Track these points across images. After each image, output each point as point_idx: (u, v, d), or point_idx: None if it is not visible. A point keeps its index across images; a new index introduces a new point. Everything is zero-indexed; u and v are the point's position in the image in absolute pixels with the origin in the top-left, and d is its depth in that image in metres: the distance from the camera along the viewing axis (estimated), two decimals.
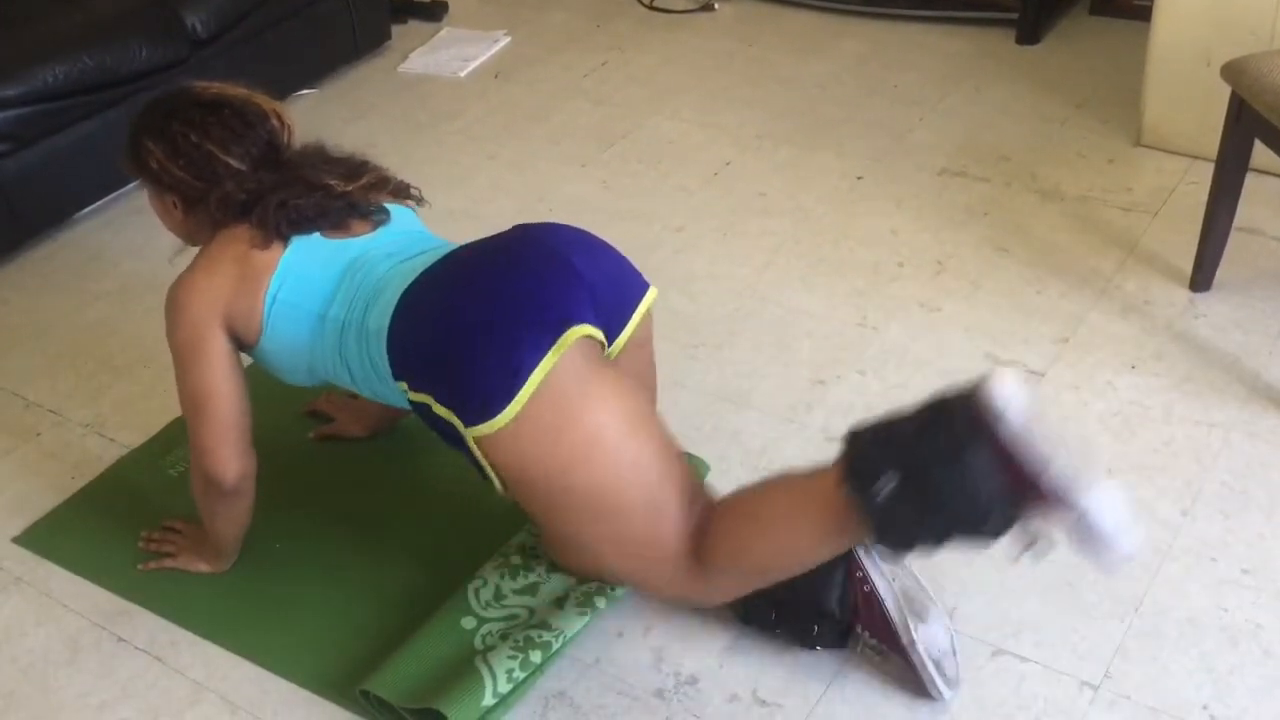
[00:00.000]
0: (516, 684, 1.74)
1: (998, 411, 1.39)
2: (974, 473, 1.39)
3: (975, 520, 1.42)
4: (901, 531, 1.47)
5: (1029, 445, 1.38)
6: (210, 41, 3.21)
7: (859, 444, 1.51)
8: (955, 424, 1.42)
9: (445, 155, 3.27)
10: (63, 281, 2.87)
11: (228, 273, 1.77)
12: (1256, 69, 2.21)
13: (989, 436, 1.39)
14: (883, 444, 1.48)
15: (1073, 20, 3.67)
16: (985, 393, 1.40)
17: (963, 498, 1.40)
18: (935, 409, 1.46)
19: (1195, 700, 1.69)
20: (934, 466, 1.41)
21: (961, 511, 1.42)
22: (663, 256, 2.73)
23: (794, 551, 1.62)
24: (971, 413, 1.41)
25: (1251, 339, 2.34)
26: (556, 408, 1.58)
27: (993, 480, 1.39)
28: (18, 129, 2.85)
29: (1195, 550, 1.91)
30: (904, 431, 1.47)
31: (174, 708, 1.82)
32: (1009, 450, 1.39)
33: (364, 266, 1.77)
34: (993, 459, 1.39)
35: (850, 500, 1.48)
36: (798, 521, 1.59)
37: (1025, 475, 1.39)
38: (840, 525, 1.53)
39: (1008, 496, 1.41)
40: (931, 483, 1.41)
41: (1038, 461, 1.38)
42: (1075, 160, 2.98)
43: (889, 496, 1.43)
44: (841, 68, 3.53)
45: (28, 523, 2.17)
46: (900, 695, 1.72)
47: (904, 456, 1.44)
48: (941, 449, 1.41)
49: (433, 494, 2.14)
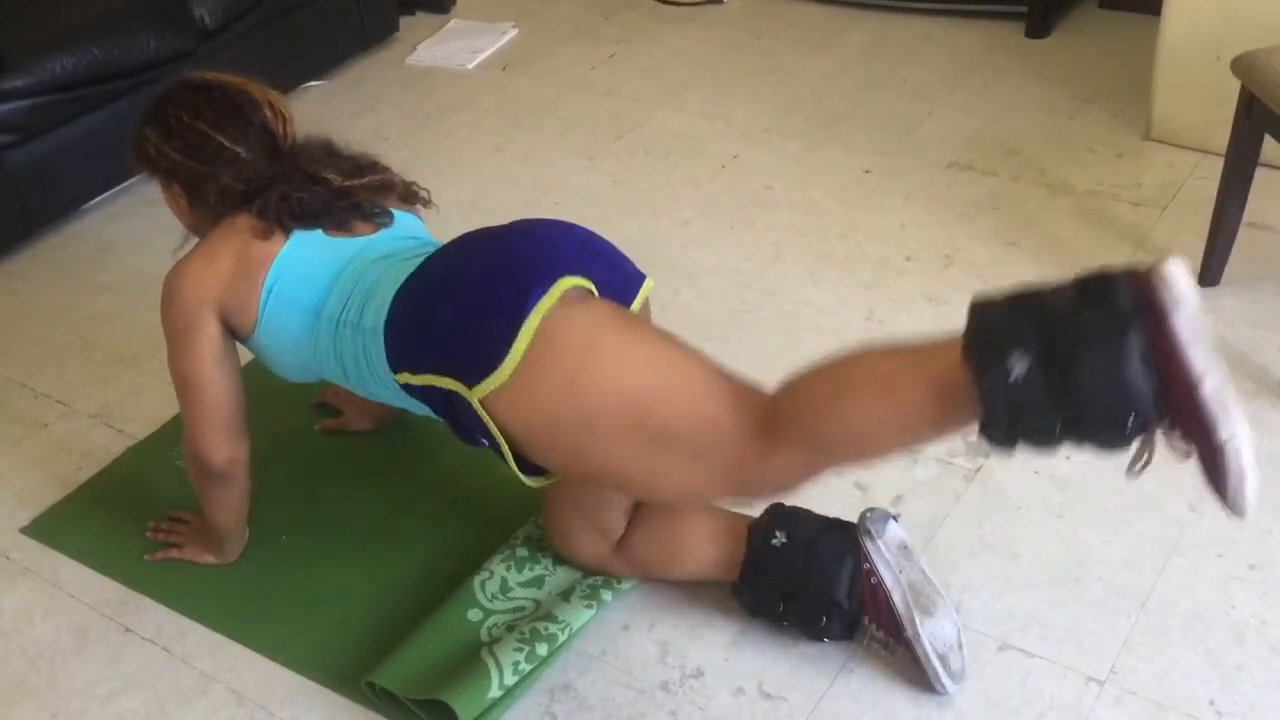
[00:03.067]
0: (522, 676, 1.75)
1: (1173, 300, 1.20)
2: (1132, 361, 1.20)
3: (1116, 420, 1.23)
4: (1024, 422, 1.26)
5: (1197, 347, 1.20)
6: (218, 33, 3.21)
7: (989, 310, 1.30)
8: (1117, 300, 1.22)
9: (453, 147, 3.27)
10: (71, 272, 2.88)
11: (225, 261, 1.77)
12: (1267, 63, 2.20)
13: (1159, 324, 1.20)
14: (1026, 312, 1.27)
15: (1082, 13, 3.66)
16: (1161, 276, 1.21)
17: (1111, 390, 1.21)
18: (1095, 281, 1.26)
19: (1201, 695, 1.69)
20: (1086, 346, 1.21)
21: (1105, 406, 1.22)
22: (670, 250, 2.73)
23: (884, 429, 1.40)
24: (1143, 294, 1.22)
25: (1260, 334, 2.33)
26: (555, 348, 1.53)
27: (1147, 373, 1.20)
28: (26, 120, 2.85)
29: (1202, 546, 1.91)
30: (1050, 301, 1.27)
31: (181, 698, 1.82)
32: (1175, 347, 1.20)
33: (361, 266, 1.76)
34: (1152, 350, 1.21)
35: (972, 378, 1.27)
36: (900, 393, 1.37)
37: (1183, 380, 1.20)
38: (950, 405, 1.32)
39: (1158, 397, 1.22)
40: (1078, 366, 1.21)
41: (1199, 369, 1.20)
42: (1084, 154, 2.97)
43: (1020, 378, 1.23)
44: (850, 61, 3.52)
45: (35, 513, 2.18)
46: (906, 690, 1.72)
47: (1051, 329, 1.24)
48: (1100, 327, 1.21)
49: (439, 487, 2.14)
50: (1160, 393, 1.21)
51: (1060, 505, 2.00)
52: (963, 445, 2.13)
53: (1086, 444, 1.27)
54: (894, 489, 2.04)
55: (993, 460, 2.09)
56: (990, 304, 1.31)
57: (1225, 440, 1.20)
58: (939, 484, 2.05)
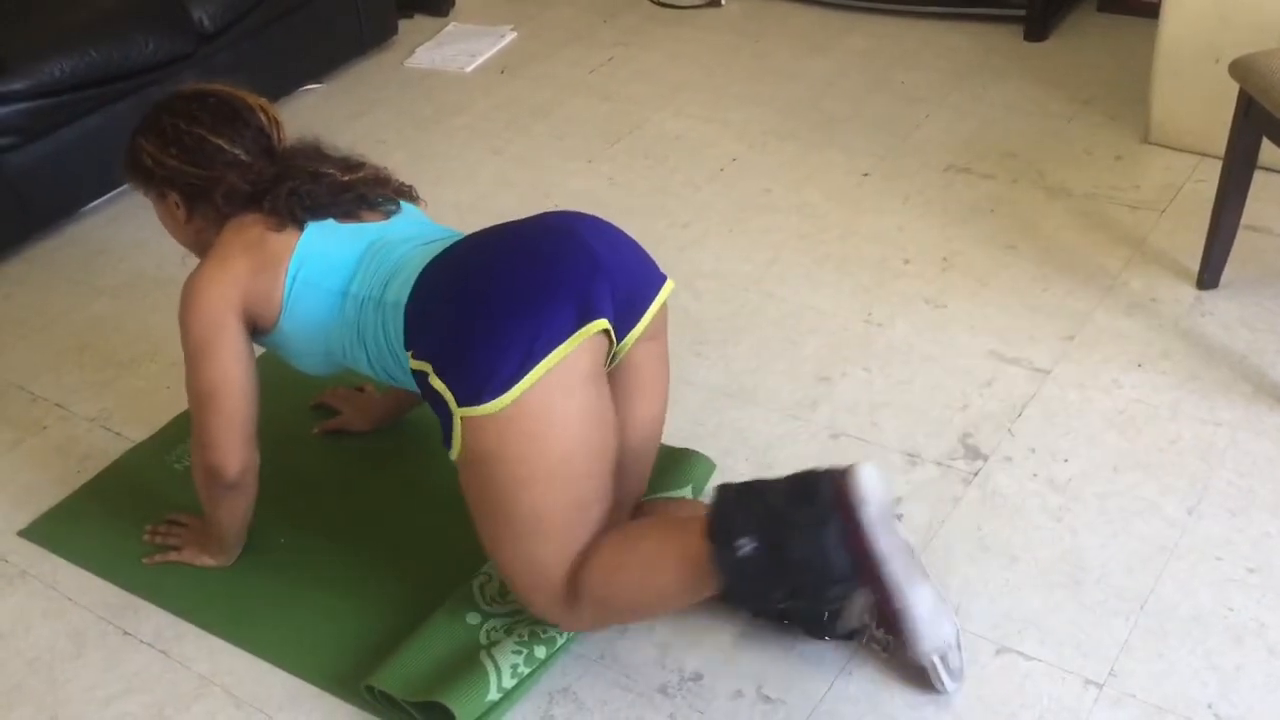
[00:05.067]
0: (521, 679, 1.75)
1: (862, 497, 1.51)
2: (829, 546, 1.50)
3: (820, 590, 1.55)
4: (751, 590, 1.57)
5: (880, 535, 1.51)
6: (216, 36, 3.22)
7: (726, 502, 1.59)
8: (821, 499, 1.52)
9: (451, 150, 3.28)
10: (69, 275, 2.88)
11: (242, 258, 1.77)
12: (1265, 66, 2.21)
13: (849, 517, 1.51)
14: (749, 506, 1.56)
15: (1080, 17, 3.66)
16: (853, 478, 1.52)
17: (814, 568, 1.51)
18: (804, 482, 1.56)
19: (1200, 699, 1.69)
20: (793, 535, 1.51)
21: (809, 580, 1.53)
22: (668, 253, 2.73)
23: (654, 596, 1.68)
24: (837, 493, 1.52)
25: (1259, 337, 2.34)
26: (545, 413, 1.59)
27: (843, 557, 1.51)
28: (25, 122, 2.85)
29: (1200, 549, 1.91)
30: (771, 497, 1.56)
31: (179, 701, 1.82)
32: (863, 534, 1.51)
33: (384, 247, 1.78)
34: (847, 538, 1.51)
35: (710, 554, 1.55)
36: (661, 568, 1.64)
37: (871, 560, 1.52)
38: (699, 576, 1.59)
39: (852, 574, 1.53)
40: (788, 549, 1.51)
41: (884, 552, 1.51)
42: (1082, 157, 2.97)
43: (746, 556, 1.52)
44: (848, 64, 3.53)
45: (33, 516, 2.17)
46: (904, 693, 1.72)
47: (766, 521, 1.53)
48: (803, 520, 1.52)
49: (438, 489, 2.13)
50: (858, 572, 1.53)
51: (1059, 508, 2.00)
52: (961, 449, 2.13)
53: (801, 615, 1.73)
54: (892, 492, 2.04)
55: (991, 463, 2.09)
56: (728, 493, 1.60)
57: (900, 608, 1.57)
58: (937, 487, 2.06)
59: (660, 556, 1.65)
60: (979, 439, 2.15)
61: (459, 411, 1.59)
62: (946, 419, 2.20)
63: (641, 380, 1.80)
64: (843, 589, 1.58)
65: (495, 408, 1.57)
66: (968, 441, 2.15)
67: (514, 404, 1.57)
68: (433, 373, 1.62)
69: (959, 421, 2.20)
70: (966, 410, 2.22)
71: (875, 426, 2.20)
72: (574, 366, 1.61)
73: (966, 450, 2.13)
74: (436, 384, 1.61)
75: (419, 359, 1.65)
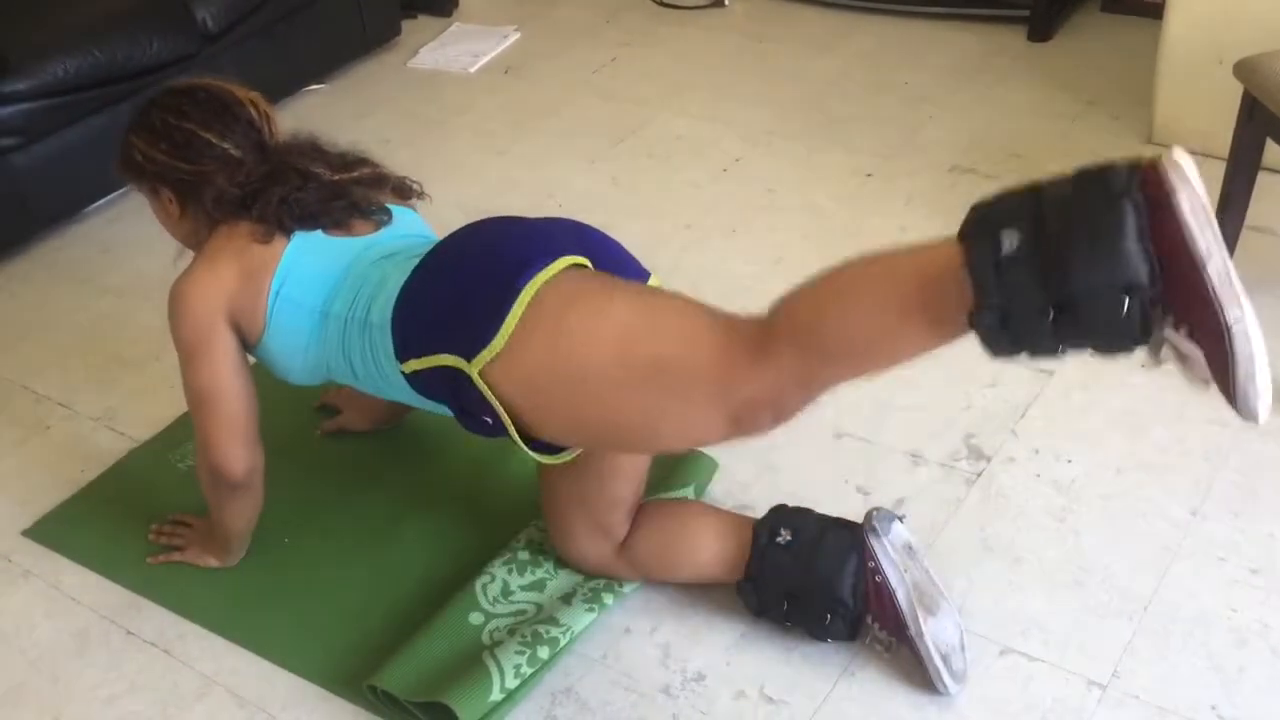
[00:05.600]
0: (524, 679, 1.75)
1: (1178, 180, 1.16)
2: (1127, 235, 1.14)
3: (1110, 302, 1.17)
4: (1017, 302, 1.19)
5: (1201, 229, 1.14)
6: (220, 36, 3.22)
7: (990, 199, 1.26)
8: (1115, 180, 1.18)
9: (455, 151, 3.28)
10: (73, 275, 2.88)
11: (230, 268, 1.76)
12: (1269, 67, 2.20)
13: (1162, 203, 1.15)
14: (1019, 196, 1.23)
15: (1084, 17, 3.66)
16: (1166, 160, 1.17)
17: (1102, 266, 1.15)
18: (1098, 168, 1.21)
19: (1204, 700, 1.69)
20: (1079, 220, 1.16)
21: (1098, 284, 1.16)
22: (671, 253, 2.73)
23: (876, 327, 1.34)
24: (1146, 176, 1.18)
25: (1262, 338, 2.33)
26: (542, 308, 1.54)
27: (1144, 255, 1.14)
28: (28, 123, 2.86)
29: (1204, 550, 1.91)
30: (1052, 186, 1.22)
31: (182, 701, 1.82)
32: (1178, 227, 1.14)
33: (366, 264, 1.76)
34: (1154, 232, 1.15)
35: (963, 259, 1.22)
36: (891, 286, 1.31)
37: (1185, 262, 1.14)
38: (941, 293, 1.26)
39: (1155, 274, 1.16)
40: (1070, 240, 1.16)
41: (1203, 251, 1.14)
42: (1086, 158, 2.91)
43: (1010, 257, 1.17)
44: (851, 64, 3.53)
45: (37, 516, 2.18)
46: (907, 693, 1.72)
47: (1041, 209, 1.19)
48: (1095, 201, 1.17)
49: (441, 490, 2.14)
50: (1157, 275, 1.16)
51: (1062, 509, 2.00)
52: (964, 449, 2.13)
53: (1084, 337, 1.21)
54: (896, 493, 2.04)
55: (995, 464, 2.09)
56: (988, 198, 1.26)
57: (1232, 323, 1.15)
58: (941, 488, 2.05)
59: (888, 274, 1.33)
60: (982, 440, 2.15)
61: (473, 367, 1.55)
62: (950, 420, 2.20)
63: None
64: (1140, 298, 1.17)
65: (499, 343, 1.53)
66: (971, 442, 2.15)
67: (516, 328, 1.53)
68: (440, 355, 1.59)
69: (963, 422, 2.19)
70: (970, 411, 2.22)
71: (878, 427, 2.20)
72: (560, 285, 1.56)
73: (970, 451, 2.13)
74: (444, 360, 1.58)
75: (418, 358, 1.62)
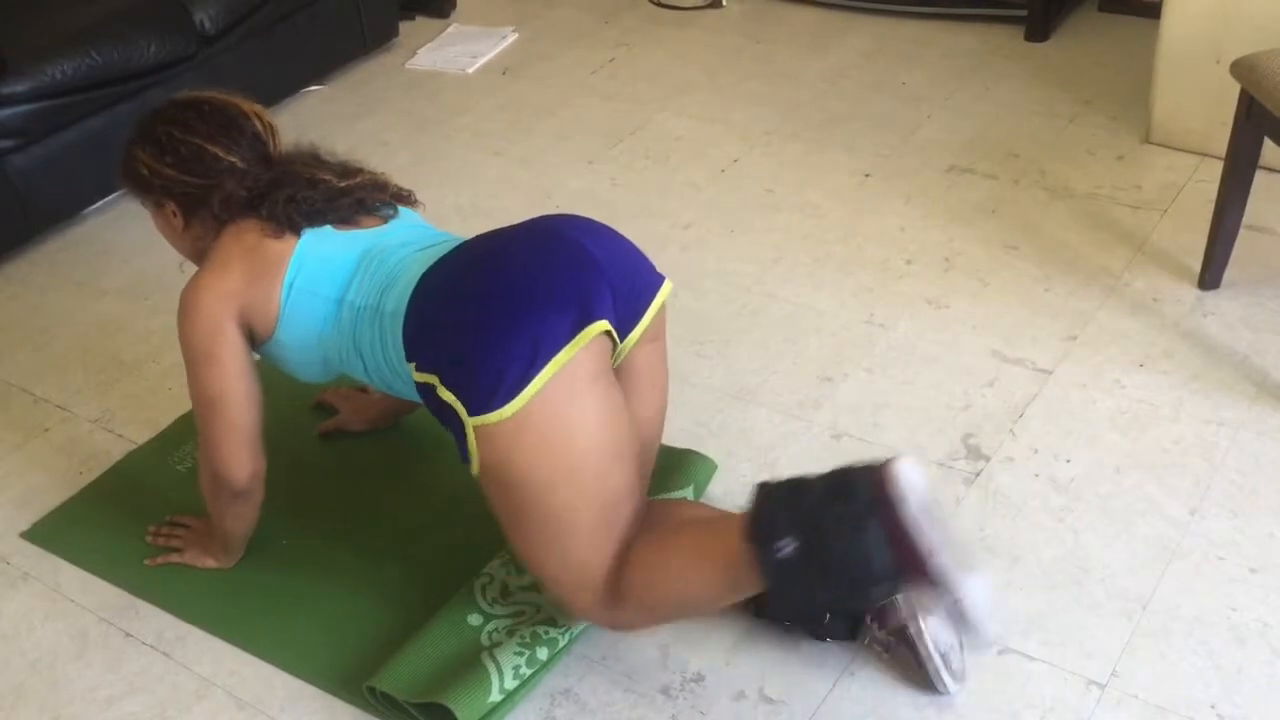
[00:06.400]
0: (523, 680, 1.75)
1: (901, 493, 1.46)
2: (870, 545, 1.46)
3: (863, 590, 1.50)
4: (795, 592, 1.52)
5: (923, 530, 1.45)
6: (218, 38, 3.22)
7: (765, 502, 1.55)
8: (859, 498, 1.48)
9: (453, 151, 3.28)
10: (72, 277, 2.88)
11: (240, 265, 1.77)
12: (1266, 66, 2.21)
13: (889, 515, 1.46)
14: (787, 506, 1.53)
15: (1082, 17, 3.66)
16: (891, 474, 1.47)
17: (856, 567, 1.47)
18: (842, 480, 1.52)
19: (1203, 699, 1.69)
20: (833, 534, 1.47)
21: (852, 580, 1.48)
22: (670, 253, 2.73)
23: (696, 597, 1.66)
24: (876, 490, 1.47)
25: (1260, 337, 2.33)
26: (557, 415, 1.59)
27: (885, 555, 1.46)
28: (27, 124, 2.85)
29: (1203, 549, 1.91)
30: (809, 496, 1.52)
31: (181, 703, 1.82)
32: (905, 531, 1.45)
33: (380, 254, 1.78)
34: (889, 536, 1.46)
35: (750, 556, 1.52)
36: (701, 569, 1.63)
37: (915, 556, 1.45)
38: (739, 578, 1.57)
39: (896, 572, 1.47)
40: (828, 550, 1.47)
41: (928, 546, 1.45)
42: (1084, 157, 2.97)
43: (787, 558, 1.49)
44: (849, 64, 3.53)
45: (36, 518, 2.17)
46: (906, 693, 1.72)
47: (806, 521, 1.50)
48: (843, 519, 1.48)
49: (440, 491, 2.14)
50: (902, 568, 1.46)
51: (1061, 508, 2.00)
52: (963, 449, 2.13)
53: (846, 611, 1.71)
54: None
55: (993, 463, 2.09)
56: (767, 492, 1.56)
57: (959, 597, 1.47)
58: (940, 487, 2.05)
59: (700, 557, 1.63)
60: (981, 439, 2.15)
61: (470, 421, 1.59)
62: (949, 419, 2.20)
63: (641, 381, 1.80)
64: (888, 587, 1.52)
65: (507, 413, 1.57)
66: (970, 442, 2.15)
67: (525, 408, 1.57)
68: (440, 384, 1.62)
69: (961, 422, 2.20)
70: (969, 410, 2.22)
71: (877, 427, 2.20)
72: (580, 367, 1.61)
73: (969, 451, 2.13)
74: (446, 395, 1.61)
75: (424, 371, 1.64)
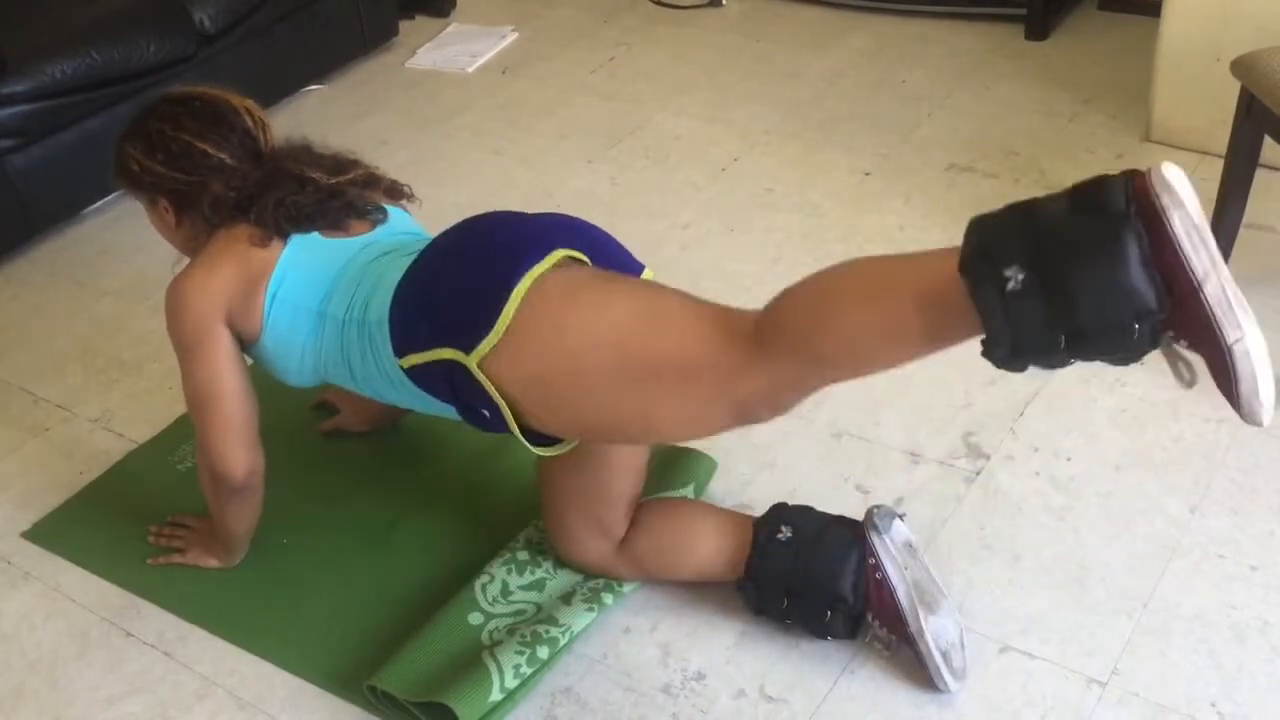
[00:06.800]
0: (523, 679, 1.75)
1: (1171, 202, 1.15)
2: (1130, 266, 1.15)
3: (1118, 330, 1.18)
4: (1026, 336, 1.21)
5: (1197, 250, 1.14)
6: (218, 37, 3.22)
7: (987, 224, 1.24)
8: (1111, 209, 1.16)
9: (452, 150, 3.28)
10: (72, 277, 2.88)
11: (228, 270, 1.77)
12: (1266, 64, 2.21)
13: (1157, 227, 1.15)
14: (1018, 224, 1.22)
15: (1081, 15, 3.66)
16: (1158, 178, 1.15)
17: (1110, 299, 1.16)
18: (1091, 188, 1.19)
19: (1203, 697, 1.69)
20: (1080, 255, 1.16)
21: (1104, 315, 1.17)
22: (670, 252, 2.73)
23: (871, 339, 1.34)
24: (1140, 197, 1.16)
25: None
26: (542, 302, 1.55)
27: (1149, 280, 1.16)
28: (26, 124, 2.86)
29: (1204, 547, 1.91)
30: (1044, 213, 1.21)
31: (182, 702, 1.82)
32: (1174, 249, 1.15)
33: (362, 264, 1.76)
34: (1153, 255, 1.15)
35: (967, 292, 1.22)
36: (888, 303, 1.31)
37: (1184, 284, 1.15)
38: (941, 318, 1.27)
39: (1159, 305, 1.17)
40: (1073, 276, 1.16)
41: (1200, 272, 1.14)
42: (1084, 156, 2.97)
43: (1015, 292, 1.18)
44: (849, 63, 3.53)
45: (36, 518, 2.18)
46: (907, 691, 1.72)
47: (1043, 240, 1.19)
48: (1095, 234, 1.16)
49: (440, 490, 2.14)
50: (1164, 298, 1.17)
51: (1061, 507, 2.00)
52: (964, 447, 2.13)
53: (1095, 357, 1.22)
54: (895, 491, 2.05)
55: (994, 462, 2.09)
56: (986, 220, 1.25)
57: (1232, 344, 1.16)
58: (940, 486, 2.06)
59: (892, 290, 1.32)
60: (981, 438, 2.15)
61: (473, 361, 1.56)
62: (949, 418, 2.20)
63: None
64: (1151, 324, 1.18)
65: (499, 331, 1.54)
66: (970, 440, 2.15)
67: (513, 322, 1.54)
68: (440, 349, 1.59)
69: (961, 420, 2.20)
70: (969, 409, 2.22)
71: (877, 425, 2.20)
72: (553, 284, 1.57)
73: (969, 449, 2.13)
74: (447, 354, 1.58)
75: (417, 352, 1.62)
